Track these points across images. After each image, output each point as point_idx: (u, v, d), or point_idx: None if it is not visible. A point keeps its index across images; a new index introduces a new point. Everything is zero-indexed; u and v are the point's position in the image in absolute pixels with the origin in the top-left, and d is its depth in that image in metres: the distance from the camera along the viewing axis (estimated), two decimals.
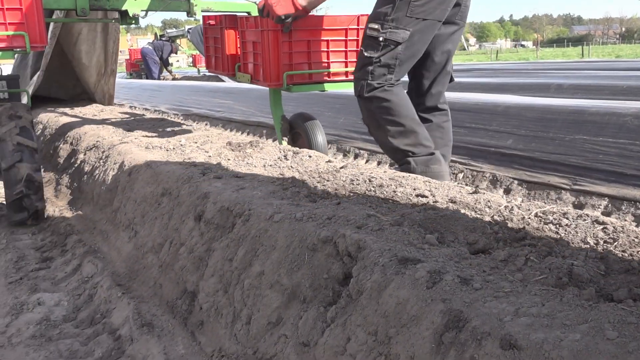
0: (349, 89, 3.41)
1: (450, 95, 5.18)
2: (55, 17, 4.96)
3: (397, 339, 1.15)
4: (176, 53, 20.54)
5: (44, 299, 2.37)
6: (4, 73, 5.53)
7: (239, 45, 3.92)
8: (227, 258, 1.80)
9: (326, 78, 3.53)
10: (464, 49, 69.65)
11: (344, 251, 1.47)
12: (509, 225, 1.50)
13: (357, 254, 1.43)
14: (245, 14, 4.17)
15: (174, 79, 17.22)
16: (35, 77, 6.22)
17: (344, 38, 3.53)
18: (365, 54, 2.85)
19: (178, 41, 21.21)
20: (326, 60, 3.57)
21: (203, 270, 1.90)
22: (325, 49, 3.55)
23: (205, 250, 1.95)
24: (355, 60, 3.22)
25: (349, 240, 1.46)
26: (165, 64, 18.22)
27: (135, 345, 1.85)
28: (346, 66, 3.55)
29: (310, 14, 3.30)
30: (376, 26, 2.83)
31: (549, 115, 3.96)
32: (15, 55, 5.08)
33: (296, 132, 3.76)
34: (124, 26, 4.34)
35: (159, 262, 2.23)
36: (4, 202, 3.64)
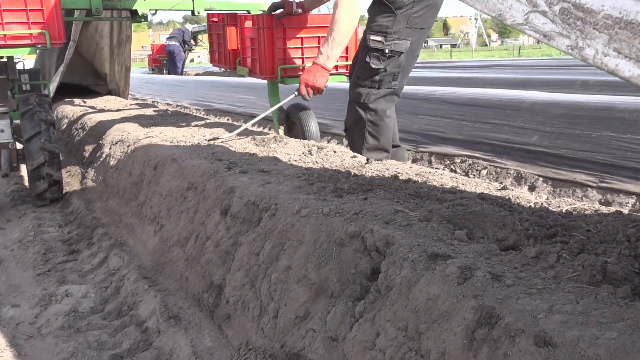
0: (336, 81, 3.94)
1: (473, 91, 5.14)
2: (73, 16, 5.27)
3: (427, 334, 1.15)
4: (195, 42, 20.69)
5: (72, 291, 2.41)
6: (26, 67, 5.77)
7: (239, 41, 4.31)
8: (253, 252, 1.81)
9: None
10: (486, 45, 68.91)
11: (372, 246, 1.47)
12: (539, 221, 1.48)
13: (385, 250, 1.42)
14: (245, 13, 4.49)
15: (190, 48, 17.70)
16: (60, 69, 6.45)
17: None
18: (373, 66, 3.05)
19: (200, 37, 21.52)
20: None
21: (229, 264, 1.91)
22: (317, 45, 3.86)
23: (231, 244, 1.96)
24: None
25: (377, 235, 1.45)
26: (189, 47, 18.61)
27: (162, 338, 1.87)
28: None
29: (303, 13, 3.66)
30: (379, 38, 3.03)
31: (576, 112, 3.91)
32: (37, 51, 5.42)
33: (292, 121, 4.04)
34: (145, 22, 4.68)
35: (185, 255, 2.24)
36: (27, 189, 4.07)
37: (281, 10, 3.61)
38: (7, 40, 3.55)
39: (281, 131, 4.12)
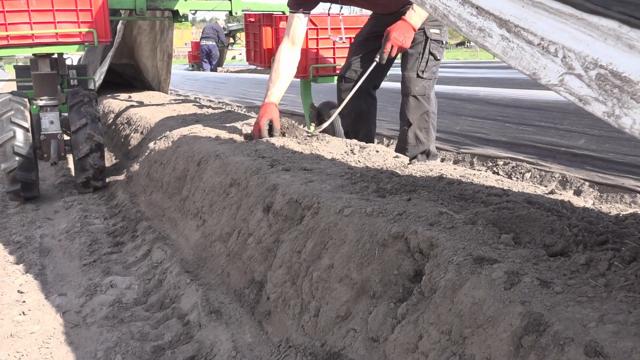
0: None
1: (518, 93, 5.05)
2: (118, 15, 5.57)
3: (472, 339, 1.13)
4: (227, 46, 21.06)
5: (116, 282, 2.46)
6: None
7: (274, 41, 4.53)
8: (295, 250, 1.82)
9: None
10: None
11: (416, 248, 1.46)
12: (589, 227, 1.45)
13: (429, 252, 1.41)
14: (280, 13, 4.65)
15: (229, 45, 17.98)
16: (105, 65, 6.68)
17: None
18: (438, 57, 3.19)
19: (238, 35, 21.95)
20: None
21: (271, 261, 1.93)
22: (348, 46, 3.99)
23: (273, 241, 1.98)
24: None
25: (421, 237, 1.44)
26: (224, 44, 18.95)
27: (203, 332, 1.90)
28: None
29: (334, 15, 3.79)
30: (437, 31, 3.18)
31: None
32: (85, 48, 5.72)
33: (323, 118, 4.14)
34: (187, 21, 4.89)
35: (227, 251, 2.27)
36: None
37: None
38: (59, 38, 3.68)
39: (312, 128, 4.31)
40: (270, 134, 3.06)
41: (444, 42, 3.25)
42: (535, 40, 0.96)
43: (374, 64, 3.21)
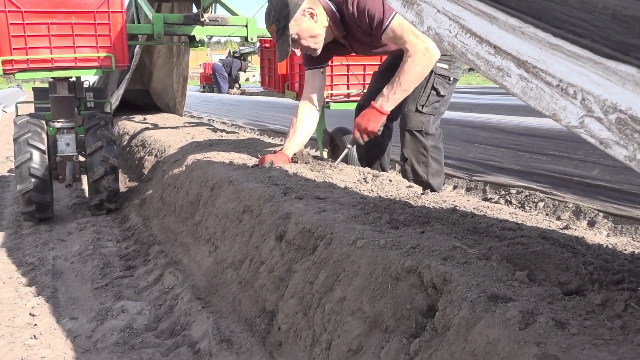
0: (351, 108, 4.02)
1: (532, 121, 5.05)
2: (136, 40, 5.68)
3: None
4: (244, 71, 21.74)
5: (127, 307, 2.47)
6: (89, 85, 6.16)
7: (288, 67, 4.67)
8: (308, 280, 1.81)
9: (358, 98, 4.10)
10: None
11: (429, 282, 1.45)
12: (604, 265, 1.43)
13: (442, 287, 1.40)
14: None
15: (242, 93, 18.30)
16: (122, 88, 6.78)
17: (378, 63, 4.09)
18: (441, 93, 3.12)
19: (250, 58, 22.45)
20: (362, 82, 4.29)
21: (283, 291, 1.92)
22: (362, 72, 4.28)
23: (285, 270, 1.97)
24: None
25: (435, 271, 1.43)
26: (234, 80, 19.42)
27: None
28: None
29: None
30: (445, 66, 3.10)
31: None
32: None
33: (336, 144, 4.25)
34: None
35: (239, 278, 2.27)
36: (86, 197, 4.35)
37: None
38: (78, 63, 3.75)
39: (325, 154, 4.38)
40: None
41: (452, 79, 3.15)
42: (553, 81, 0.96)
43: (346, 150, 3.40)
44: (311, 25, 2.99)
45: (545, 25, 0.95)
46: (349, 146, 3.32)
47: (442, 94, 3.12)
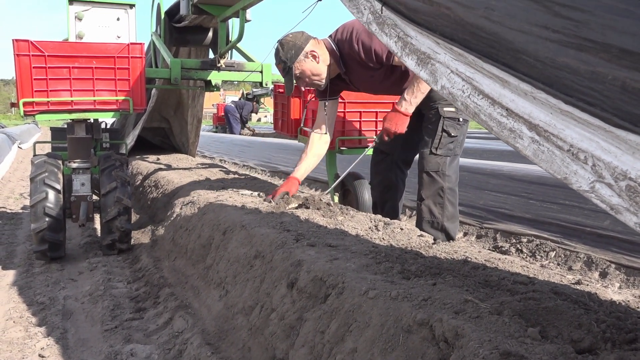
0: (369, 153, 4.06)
1: (543, 170, 5.07)
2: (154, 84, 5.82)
3: None
4: (256, 113, 22.40)
5: (137, 351, 2.47)
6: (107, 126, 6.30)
7: (302, 112, 4.74)
8: (319, 330, 1.81)
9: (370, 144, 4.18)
10: None
11: (441, 336, 1.45)
12: (617, 324, 1.43)
13: (454, 341, 1.40)
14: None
15: (253, 134, 18.76)
16: (138, 129, 6.91)
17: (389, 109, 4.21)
18: (452, 134, 3.30)
19: (262, 100, 23.10)
20: (374, 129, 4.37)
21: (294, 339, 1.92)
22: (374, 119, 4.36)
23: (296, 318, 1.98)
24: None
25: (447, 325, 1.44)
26: (244, 121, 19.98)
27: None
28: None
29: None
30: (452, 109, 3.31)
31: None
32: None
33: (347, 189, 4.34)
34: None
35: (249, 324, 2.27)
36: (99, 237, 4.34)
37: None
38: (96, 105, 3.84)
39: (336, 198, 4.45)
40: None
41: (462, 120, 3.35)
42: (564, 146, 0.99)
43: (371, 146, 3.62)
44: (313, 65, 3.32)
45: (557, 92, 0.98)
46: (376, 140, 3.53)
47: (453, 134, 3.31)
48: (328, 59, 3.36)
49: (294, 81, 3.36)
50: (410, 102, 3.22)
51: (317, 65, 3.33)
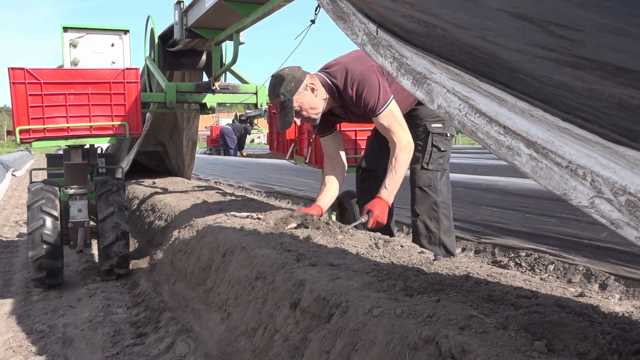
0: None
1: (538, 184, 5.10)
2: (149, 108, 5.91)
3: None
4: (249, 133, 22.82)
5: None
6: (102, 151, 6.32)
7: (297, 132, 4.82)
8: (324, 350, 1.81)
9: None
10: None
11: (447, 353, 1.45)
12: (623, 335, 1.44)
13: (461, 357, 1.41)
14: None
15: (245, 155, 19.26)
16: (132, 153, 6.93)
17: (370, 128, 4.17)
18: (442, 149, 3.40)
19: (256, 121, 23.47)
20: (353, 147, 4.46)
21: None
22: (353, 137, 4.47)
23: (300, 339, 1.98)
24: None
25: (453, 342, 1.44)
26: (240, 145, 20.34)
27: None
28: None
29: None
30: (440, 125, 3.42)
31: None
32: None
33: (344, 207, 4.37)
34: None
35: (252, 347, 2.26)
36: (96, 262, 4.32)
37: None
38: (93, 131, 3.86)
39: (333, 216, 4.46)
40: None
41: (449, 135, 3.45)
42: (563, 162, 1.01)
43: (354, 224, 3.37)
44: (312, 98, 3.28)
45: (554, 110, 1.01)
46: (364, 219, 3.29)
47: (442, 149, 3.41)
48: (324, 94, 3.32)
49: (293, 115, 3.24)
50: (390, 191, 3.21)
51: (315, 98, 3.27)
